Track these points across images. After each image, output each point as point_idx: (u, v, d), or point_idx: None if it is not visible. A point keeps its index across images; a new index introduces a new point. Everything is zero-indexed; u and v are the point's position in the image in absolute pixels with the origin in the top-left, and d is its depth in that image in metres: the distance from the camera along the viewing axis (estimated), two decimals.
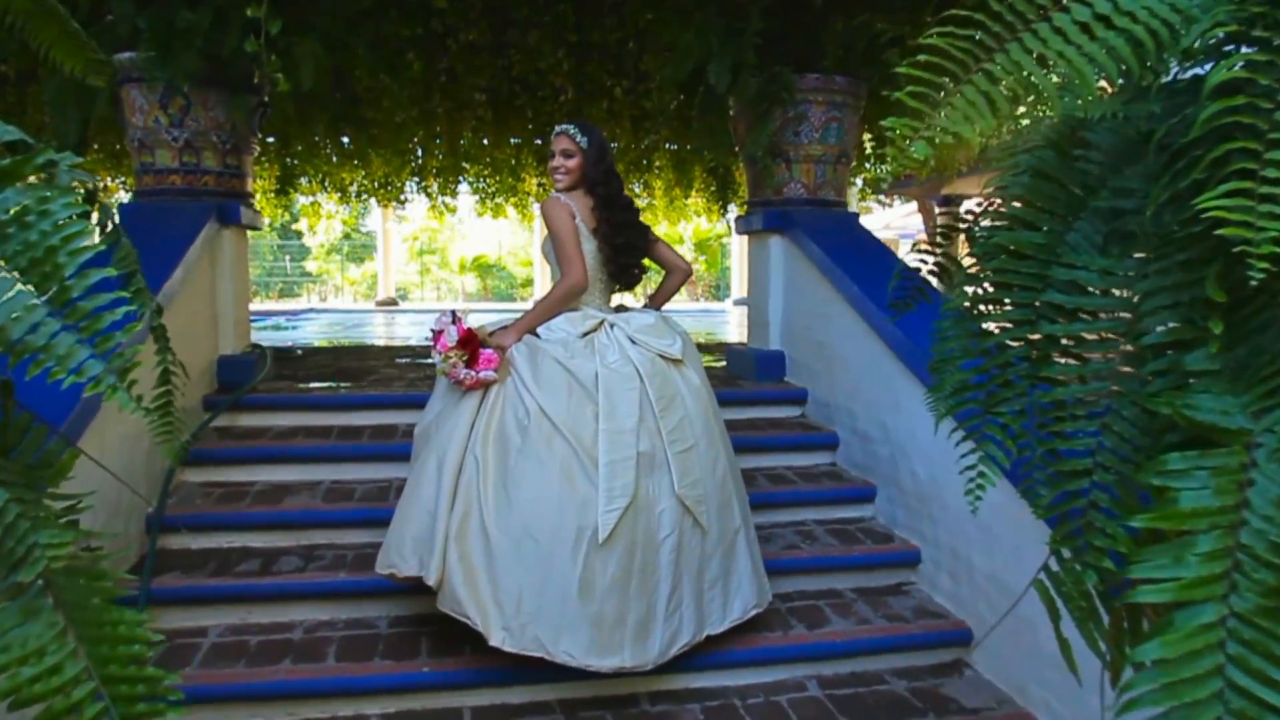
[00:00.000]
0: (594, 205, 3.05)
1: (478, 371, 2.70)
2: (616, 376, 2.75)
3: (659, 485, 2.72)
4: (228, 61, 4.09)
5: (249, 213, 4.62)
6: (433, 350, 2.74)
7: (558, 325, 2.92)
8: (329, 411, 4.34)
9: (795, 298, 4.84)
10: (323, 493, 3.76)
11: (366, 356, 6.60)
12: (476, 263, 32.63)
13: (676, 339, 2.97)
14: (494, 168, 11.29)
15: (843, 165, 5.00)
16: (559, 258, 2.99)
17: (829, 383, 4.43)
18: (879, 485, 3.94)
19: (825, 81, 4.76)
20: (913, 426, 3.64)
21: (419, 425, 2.96)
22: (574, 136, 3.05)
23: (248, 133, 4.58)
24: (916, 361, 3.56)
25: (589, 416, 2.68)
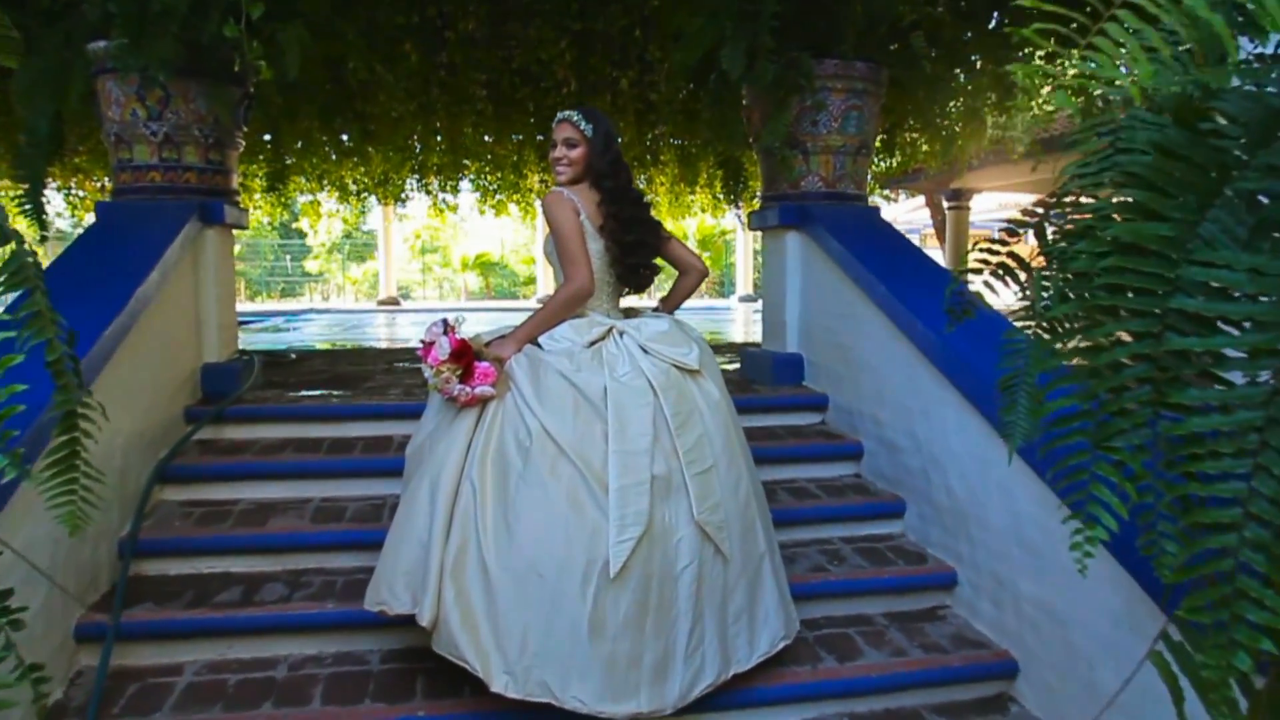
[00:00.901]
0: (600, 200, 2.78)
1: (473, 387, 2.43)
2: (627, 391, 2.47)
3: (676, 511, 2.45)
4: (209, 49, 3.82)
5: (234, 211, 4.36)
6: (423, 364, 2.47)
7: (561, 334, 2.65)
8: (320, 422, 4.07)
9: (814, 297, 4.56)
10: (311, 511, 3.49)
11: (363, 360, 6.33)
12: (479, 261, 32.37)
13: (693, 347, 2.70)
14: (495, 164, 11.05)
15: (863, 157, 4.72)
16: (562, 258, 2.71)
17: (852, 388, 4.15)
18: (909, 500, 3.66)
19: (845, 68, 4.48)
20: (947, 437, 3.36)
21: (411, 444, 2.69)
22: (578, 124, 2.78)
23: (232, 126, 4.31)
24: (952, 367, 3.29)
25: (597, 436, 2.41)
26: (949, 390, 3.33)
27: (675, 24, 4.71)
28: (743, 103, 4.81)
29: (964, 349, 3.27)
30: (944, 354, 3.33)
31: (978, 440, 3.16)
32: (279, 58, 3.80)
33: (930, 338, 3.42)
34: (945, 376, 3.33)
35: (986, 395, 3.09)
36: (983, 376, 3.12)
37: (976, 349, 3.26)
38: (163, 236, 3.74)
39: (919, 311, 3.53)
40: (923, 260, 4.09)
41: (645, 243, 2.81)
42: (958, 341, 3.32)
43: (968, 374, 3.20)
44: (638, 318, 2.83)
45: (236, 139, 4.42)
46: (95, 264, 3.56)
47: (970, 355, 3.22)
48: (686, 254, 2.99)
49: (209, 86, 4.08)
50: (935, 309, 3.59)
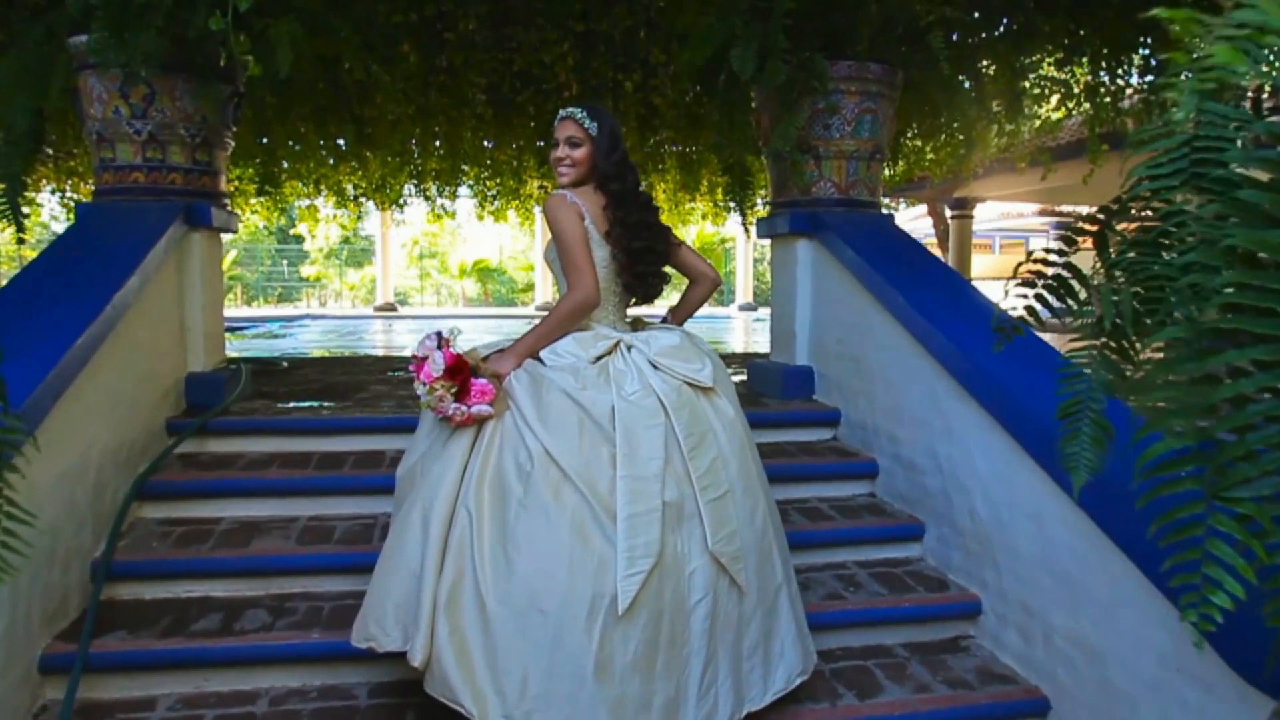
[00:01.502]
0: (606, 203, 2.60)
1: (469, 406, 2.24)
2: (637, 411, 2.29)
3: (689, 541, 2.27)
4: (195, 44, 3.64)
5: (221, 214, 4.17)
6: (415, 380, 2.29)
7: (565, 348, 2.47)
8: (309, 436, 3.88)
9: (826, 307, 4.38)
10: (298, 531, 3.31)
11: (357, 369, 6.14)
12: (477, 267, 32.20)
13: (706, 362, 2.52)
14: (495, 170, 10.91)
15: (876, 162, 4.55)
16: (565, 266, 2.53)
17: (866, 403, 3.97)
18: (928, 522, 3.48)
19: (859, 69, 4.31)
20: (970, 457, 3.18)
21: (402, 466, 2.50)
22: (581, 122, 2.60)
23: (220, 125, 4.13)
24: (976, 383, 3.11)
25: (604, 460, 2.22)
26: (972, 408, 3.15)
27: (683, 24, 4.54)
28: (751, 106, 4.63)
29: (989, 365, 3.09)
30: (968, 369, 3.16)
31: (1005, 461, 2.98)
32: (269, 54, 3.62)
33: (953, 352, 3.24)
34: (969, 393, 3.15)
35: (1015, 414, 2.91)
36: (1011, 394, 2.94)
37: (1003, 365, 3.08)
38: (144, 240, 3.56)
39: (940, 323, 3.35)
40: (942, 270, 3.91)
41: (654, 249, 2.63)
42: (982, 357, 3.14)
43: (994, 391, 3.02)
44: (646, 330, 2.65)
45: (225, 139, 4.23)
46: (72, 268, 3.37)
47: (997, 371, 3.04)
48: (697, 261, 2.81)
49: (196, 84, 3.90)
50: (957, 321, 3.42)
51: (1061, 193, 16.97)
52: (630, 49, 6.35)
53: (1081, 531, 2.58)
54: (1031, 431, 2.81)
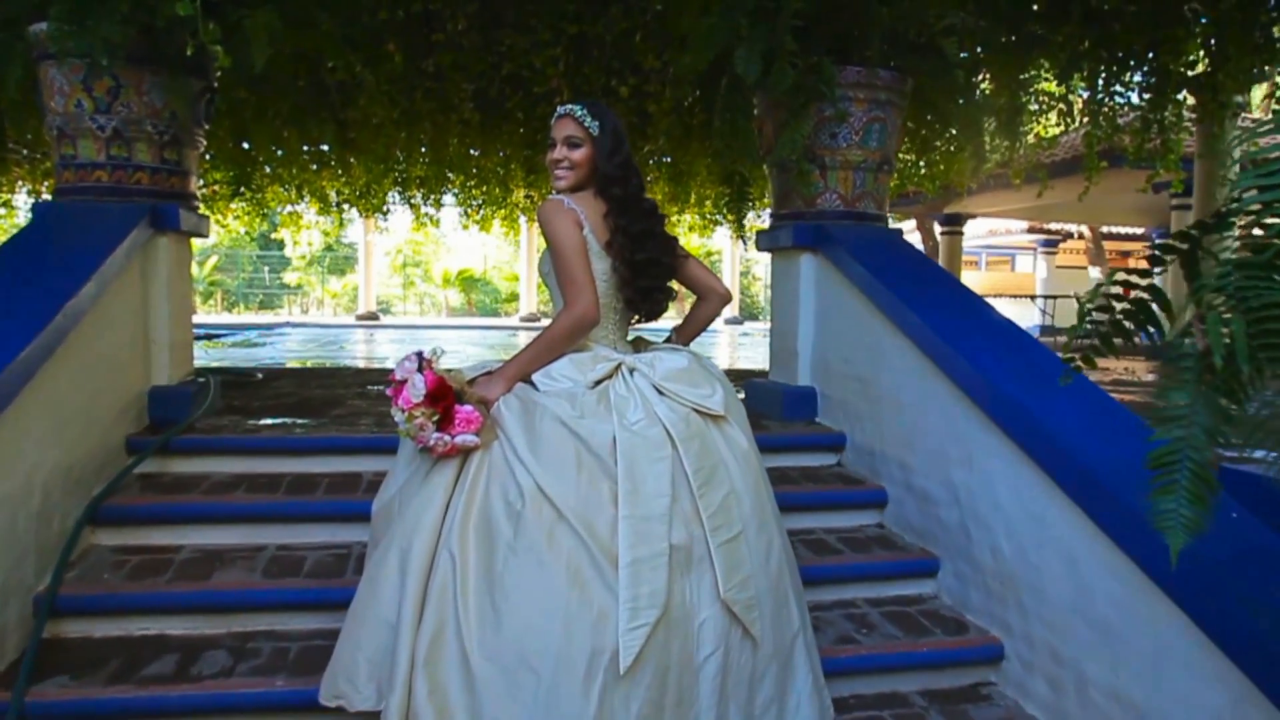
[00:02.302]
0: (607, 211, 2.36)
1: (453, 435, 2.00)
2: (641, 442, 2.05)
3: (699, 588, 2.03)
4: (165, 34, 3.39)
5: (191, 217, 3.91)
6: (393, 406, 2.04)
7: (560, 371, 2.22)
8: (280, 456, 3.62)
9: (830, 326, 4.16)
10: (265, 562, 3.04)
11: (336, 381, 5.88)
12: (461, 277, 31.91)
13: (716, 387, 2.28)
14: (480, 178, 10.71)
15: (884, 174, 4.34)
16: (561, 279, 2.29)
17: (875, 427, 3.75)
18: (943, 557, 3.25)
19: (868, 76, 4.10)
20: (993, 489, 2.96)
21: (378, 500, 2.25)
22: (582, 120, 2.36)
23: (191, 122, 3.87)
24: (1001, 410, 2.89)
25: (604, 498, 1.98)
26: (996, 436, 2.93)
27: (683, 26, 4.32)
28: (753, 113, 4.41)
29: (1016, 392, 2.88)
30: (992, 396, 2.94)
31: (1033, 496, 2.76)
32: (245, 47, 3.37)
33: (974, 377, 3.02)
34: (993, 421, 2.93)
35: (1047, 446, 2.69)
36: (1042, 425, 2.72)
37: (1033, 393, 2.87)
38: (104, 243, 3.30)
39: (960, 346, 3.13)
40: (958, 289, 3.70)
41: (659, 262, 2.39)
42: (1009, 383, 2.93)
43: (1022, 421, 2.80)
44: (649, 351, 2.41)
45: (196, 137, 3.98)
46: (21, 272, 3.11)
47: (1026, 399, 2.82)
48: (706, 276, 2.57)
49: (165, 77, 3.65)
50: (979, 344, 3.20)
51: (1052, 210, 16.91)
52: (624, 53, 6.13)
53: (1124, 577, 2.36)
54: (1066, 466, 2.59)
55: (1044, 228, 20.93)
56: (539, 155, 9.29)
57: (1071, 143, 10.41)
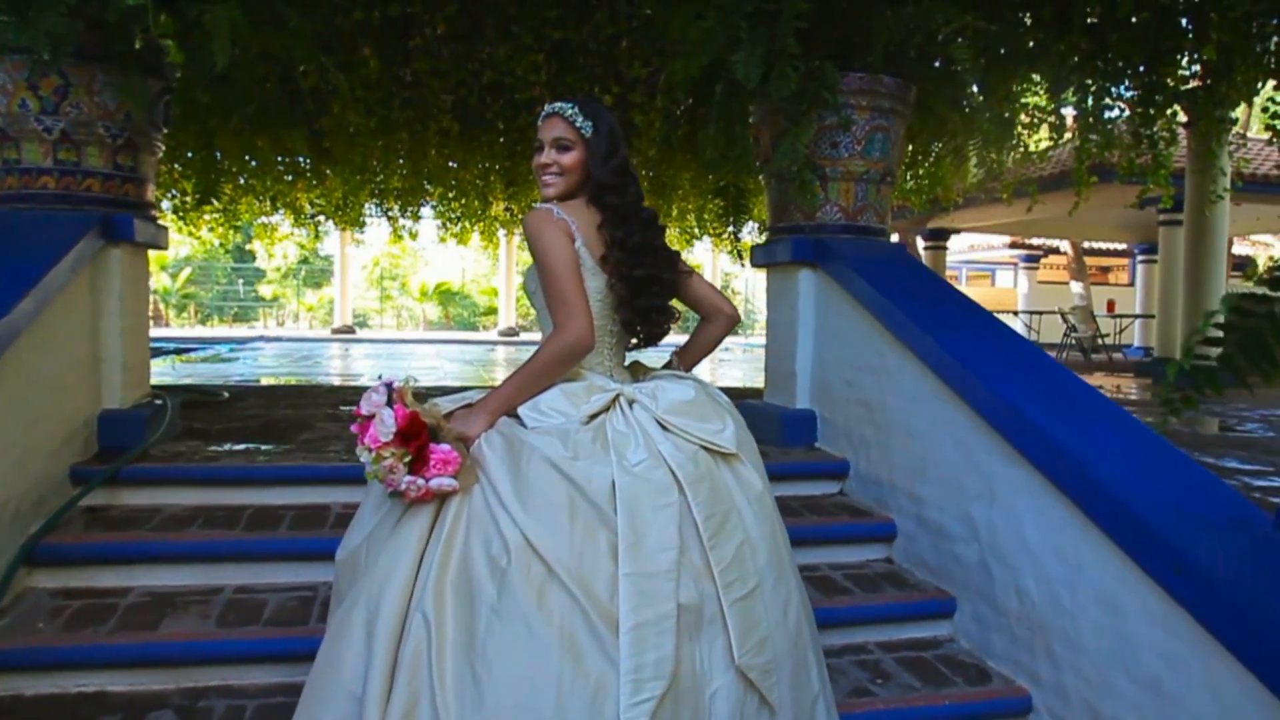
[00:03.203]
0: (602, 221, 2.10)
1: (427, 478, 1.74)
2: (643, 487, 1.79)
3: (710, 654, 1.77)
4: (117, 29, 3.13)
5: (147, 227, 3.63)
6: (358, 444, 1.78)
7: (550, 404, 1.95)
8: (241, 487, 3.33)
9: (832, 346, 3.93)
10: (221, 607, 2.76)
11: (306, 401, 5.59)
12: (439, 290, 31.57)
13: (726, 420, 2.03)
14: (460, 190, 10.49)
15: (887, 185, 4.12)
16: (550, 298, 2.03)
17: (881, 455, 3.51)
18: (960, 597, 3.01)
19: (871, 82, 3.89)
20: (1019, 526, 2.72)
21: (342, 549, 1.98)
22: (573, 120, 2.10)
23: (147, 125, 3.60)
24: (1029, 441, 2.65)
25: (602, 552, 1.72)
26: (1022, 469, 2.69)
27: (675, 29, 4.09)
28: (749, 121, 4.19)
29: (1042, 419, 2.65)
30: (1017, 425, 2.70)
31: (1066, 535, 2.53)
32: (205, 45, 3.11)
33: (997, 404, 2.78)
34: (1019, 452, 2.69)
35: (1082, 481, 2.45)
36: (1076, 458, 2.49)
37: (1059, 419, 2.65)
38: (46, 255, 3.01)
39: (981, 371, 2.90)
40: (973, 308, 3.47)
41: (660, 278, 2.13)
42: (1033, 409, 2.70)
43: (1053, 453, 2.56)
44: (650, 379, 2.15)
45: (154, 142, 3.70)
46: None
47: (1057, 430, 2.59)
48: (712, 294, 2.32)
49: (118, 76, 3.37)
50: (1002, 369, 2.97)
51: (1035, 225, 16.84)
52: (610, 61, 5.91)
53: (1176, 629, 2.13)
54: (1105, 504, 2.36)
55: (1025, 243, 20.91)
56: (520, 166, 9.04)
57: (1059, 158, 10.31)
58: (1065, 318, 15.73)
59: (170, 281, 30.23)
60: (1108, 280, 23.87)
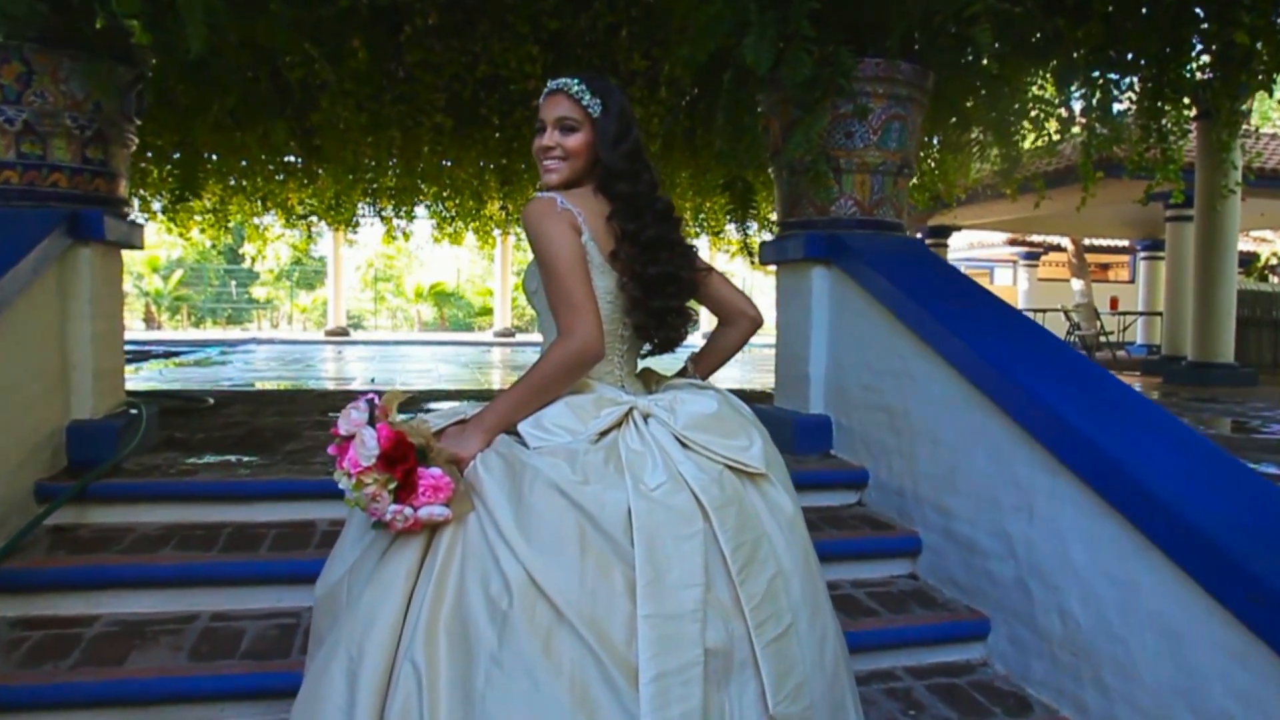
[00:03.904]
0: (612, 212, 1.86)
1: (415, 507, 1.51)
2: (664, 514, 1.57)
3: (741, 703, 1.55)
4: (83, 11, 2.90)
5: (119, 225, 3.40)
6: (336, 468, 1.55)
7: (555, 421, 1.71)
8: (220, 503, 3.12)
9: (849, 347, 3.71)
10: (195, 636, 2.53)
11: (294, 408, 5.37)
12: (433, 291, 31.31)
13: (754, 436, 1.81)
14: (454, 189, 10.27)
15: (904, 178, 3.91)
16: (554, 300, 1.78)
17: (904, 464, 3.30)
18: (995, 618, 2.80)
19: (888, 68, 3.67)
20: (1063, 544, 2.50)
21: (321, 583, 1.75)
22: (579, 97, 1.86)
23: (119, 117, 3.37)
24: (1076, 453, 2.44)
25: (618, 591, 1.50)
26: (1066, 482, 2.48)
27: (680, 14, 3.87)
28: (757, 109, 3.97)
29: (1090, 428, 2.43)
30: (1060, 434, 2.48)
31: (1118, 556, 2.31)
32: (179, 29, 2.89)
33: (1037, 411, 2.57)
34: (1064, 465, 2.48)
35: (1135, 495, 2.24)
36: (1126, 468, 2.27)
37: (1108, 429, 2.43)
38: (6, 255, 2.78)
39: (1016, 374, 2.69)
40: (1002, 307, 3.26)
41: (677, 277, 1.90)
42: (1078, 417, 2.48)
43: (1099, 462, 2.35)
44: (665, 390, 1.92)
45: (126, 134, 3.47)
46: None
47: (1102, 437, 2.37)
48: (734, 295, 2.09)
49: (86, 63, 3.15)
50: (1039, 372, 2.75)
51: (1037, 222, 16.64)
52: (608, 53, 5.67)
53: (1256, 666, 1.91)
54: (1165, 521, 2.14)
55: (1025, 240, 20.71)
56: (516, 164, 8.81)
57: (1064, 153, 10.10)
58: (1069, 315, 15.53)
59: (162, 284, 29.97)
60: (1107, 277, 23.68)
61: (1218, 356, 8.84)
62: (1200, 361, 8.90)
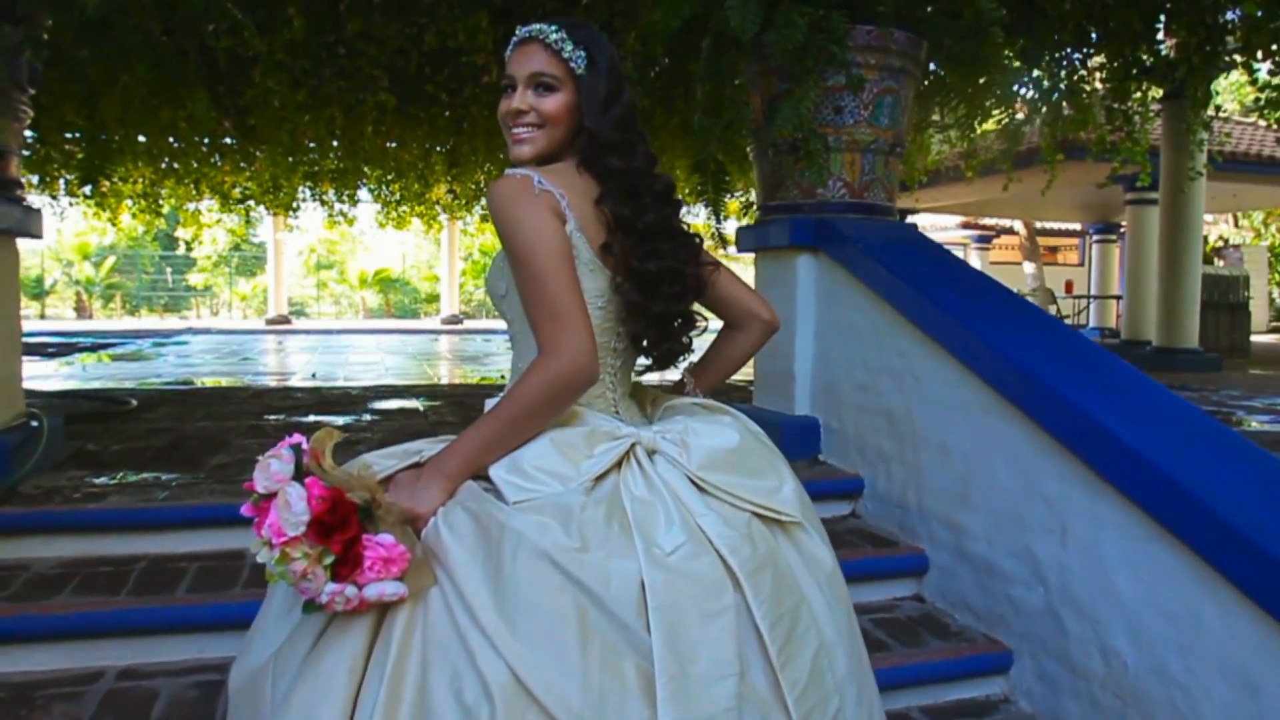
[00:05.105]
0: (601, 194, 1.49)
1: (360, 585, 1.14)
2: (686, 587, 1.21)
3: None
4: None
5: (10, 211, 2.95)
6: (255, 535, 1.18)
7: (539, 463, 1.32)
8: (132, 533, 2.70)
9: (838, 342, 3.39)
10: (96, 703, 2.13)
11: (227, 409, 4.92)
12: (378, 277, 30.52)
13: (783, 473, 1.46)
14: (399, 172, 9.84)
15: (895, 157, 3.59)
16: (533, 308, 1.38)
17: (906, 474, 2.99)
18: (1019, 649, 2.50)
19: (881, 37, 3.35)
20: (1106, 573, 2.20)
21: (236, 672, 1.35)
22: (558, 47, 1.47)
23: (7, 85, 2.91)
24: (1121, 467, 2.13)
25: (631, 690, 1.14)
26: (1108, 501, 2.18)
27: None
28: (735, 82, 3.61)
29: (1136, 440, 2.12)
30: (1100, 445, 2.18)
31: (1173, 586, 2.02)
32: None
33: (1073, 419, 2.26)
34: (1104, 479, 2.18)
35: (1198, 518, 1.94)
36: (1185, 487, 1.97)
37: (1158, 441, 2.13)
38: None
39: (1045, 375, 2.38)
40: (1015, 299, 2.96)
41: (681, 274, 1.54)
42: (1122, 427, 2.17)
43: (1151, 480, 2.05)
44: (666, 413, 1.56)
45: (18, 105, 3.00)
46: None
47: (1150, 450, 2.07)
48: (745, 294, 1.72)
49: None
50: (1068, 372, 2.44)
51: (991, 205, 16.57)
52: None
53: None
54: (1238, 550, 1.85)
55: (978, 223, 20.70)
56: (464, 145, 8.36)
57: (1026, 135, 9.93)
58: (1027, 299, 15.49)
59: (94, 271, 28.82)
60: (1057, 260, 23.80)
61: (1183, 342, 8.72)
62: (1165, 347, 8.78)
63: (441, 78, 6.07)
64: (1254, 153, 11.35)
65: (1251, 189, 12.94)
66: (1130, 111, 6.91)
